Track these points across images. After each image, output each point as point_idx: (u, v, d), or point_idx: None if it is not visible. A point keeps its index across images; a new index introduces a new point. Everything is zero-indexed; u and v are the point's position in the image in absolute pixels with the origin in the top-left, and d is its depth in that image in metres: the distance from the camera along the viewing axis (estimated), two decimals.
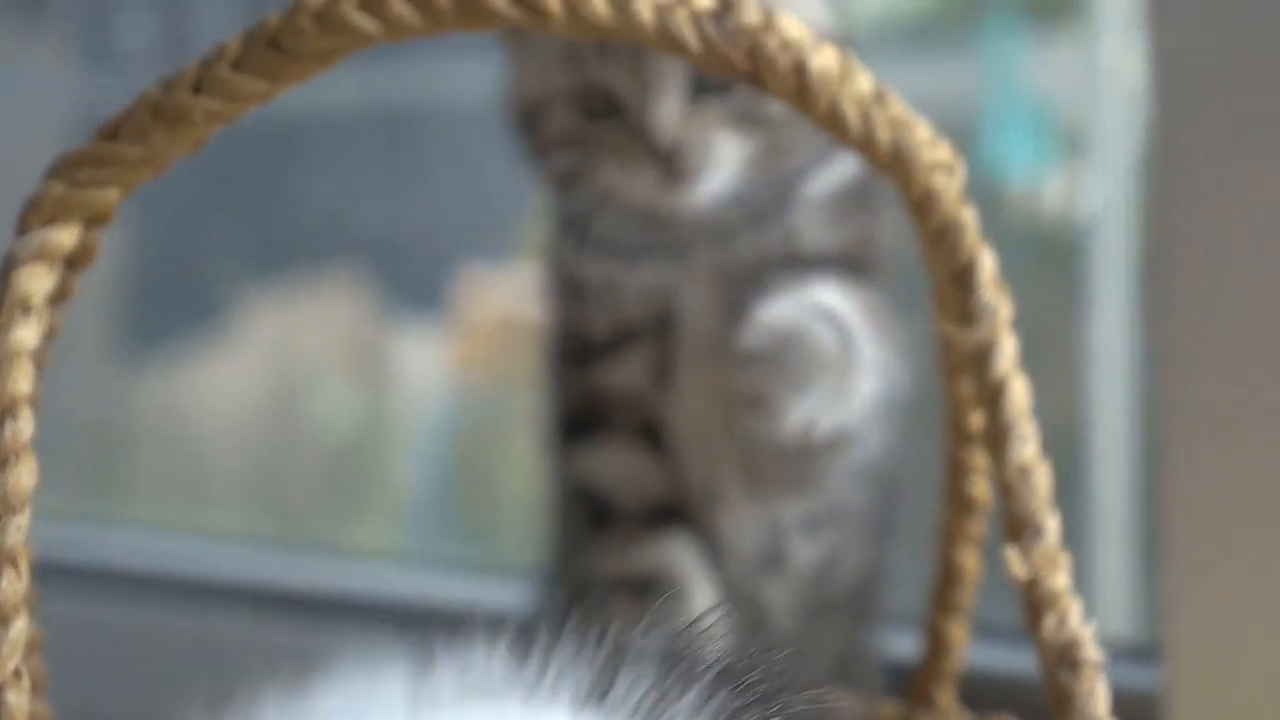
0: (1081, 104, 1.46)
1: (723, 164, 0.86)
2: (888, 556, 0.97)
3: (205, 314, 1.72)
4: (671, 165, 0.86)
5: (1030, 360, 0.66)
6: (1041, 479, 0.65)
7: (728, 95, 0.86)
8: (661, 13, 0.62)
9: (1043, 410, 0.67)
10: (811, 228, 0.89)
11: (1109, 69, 1.38)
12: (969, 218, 0.66)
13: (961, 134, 1.52)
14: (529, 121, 0.90)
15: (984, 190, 1.51)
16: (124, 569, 1.32)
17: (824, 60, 0.64)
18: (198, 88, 0.62)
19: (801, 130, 0.86)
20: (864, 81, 0.64)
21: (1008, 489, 0.65)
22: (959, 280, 0.66)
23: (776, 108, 0.85)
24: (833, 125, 0.64)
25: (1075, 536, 0.66)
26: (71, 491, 1.64)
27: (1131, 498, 1.30)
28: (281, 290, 1.75)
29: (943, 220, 0.65)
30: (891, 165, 0.65)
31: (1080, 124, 1.47)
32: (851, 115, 0.64)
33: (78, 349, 1.68)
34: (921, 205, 0.65)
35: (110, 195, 0.63)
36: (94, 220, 0.63)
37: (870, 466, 0.93)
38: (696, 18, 0.62)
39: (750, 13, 0.63)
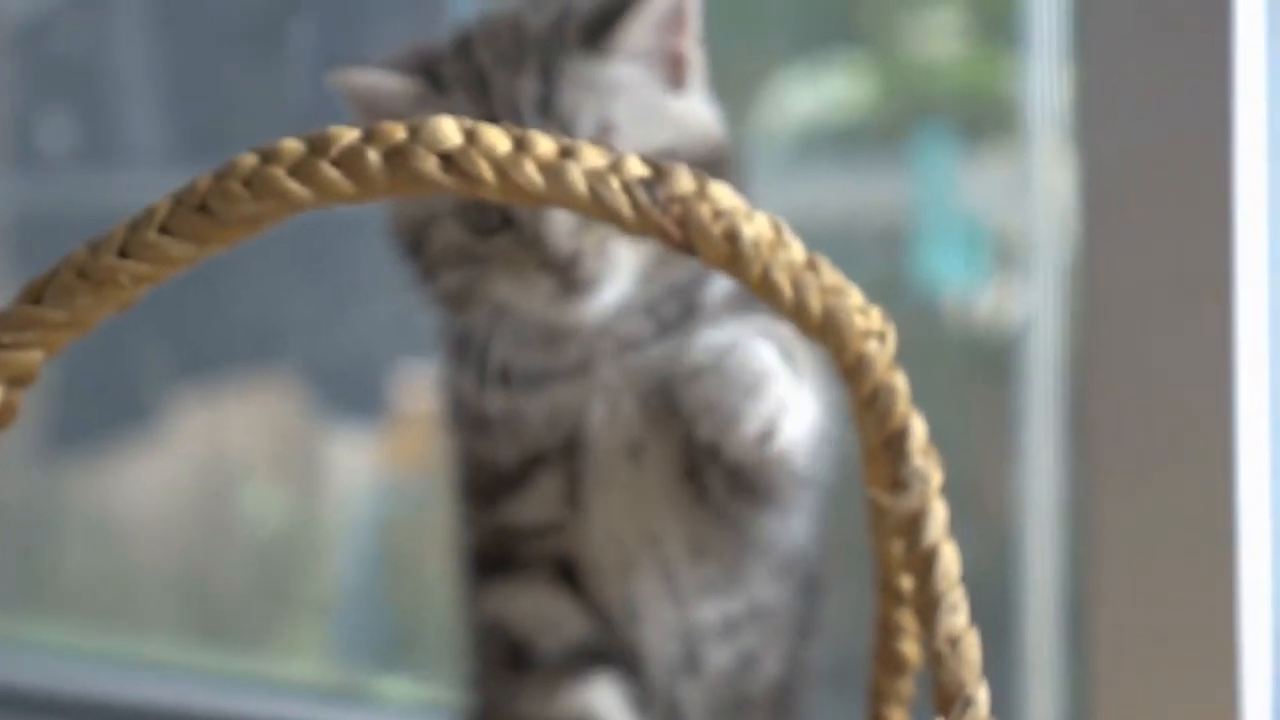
0: (1013, 216, 1.46)
1: (619, 273, 0.85)
2: (810, 654, 0.96)
3: (133, 415, 1.70)
4: (568, 277, 0.84)
5: (962, 476, 0.65)
6: (971, 648, 0.65)
7: None
8: (594, 180, 0.62)
9: (975, 522, 0.66)
10: (718, 332, 0.88)
11: (1041, 182, 1.38)
12: (900, 384, 0.65)
13: (893, 243, 1.53)
14: (414, 242, 0.88)
15: (917, 302, 1.52)
16: (44, 691, 1.29)
17: (756, 228, 0.63)
18: (124, 251, 0.61)
19: None
20: (796, 250, 0.64)
21: (938, 658, 0.64)
22: (890, 447, 0.65)
23: None
24: (765, 293, 0.64)
25: (1005, 671, 0.65)
26: None
27: (1063, 623, 1.29)
28: (211, 392, 1.73)
29: (874, 387, 0.65)
30: (823, 332, 0.64)
31: (1012, 236, 1.47)
32: (784, 283, 0.64)
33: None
34: (853, 372, 0.65)
35: (33, 357, 0.62)
36: (17, 381, 0.62)
37: (792, 560, 0.92)
38: (629, 186, 0.62)
39: (683, 181, 0.63)
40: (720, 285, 0.89)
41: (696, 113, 0.89)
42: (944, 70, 1.60)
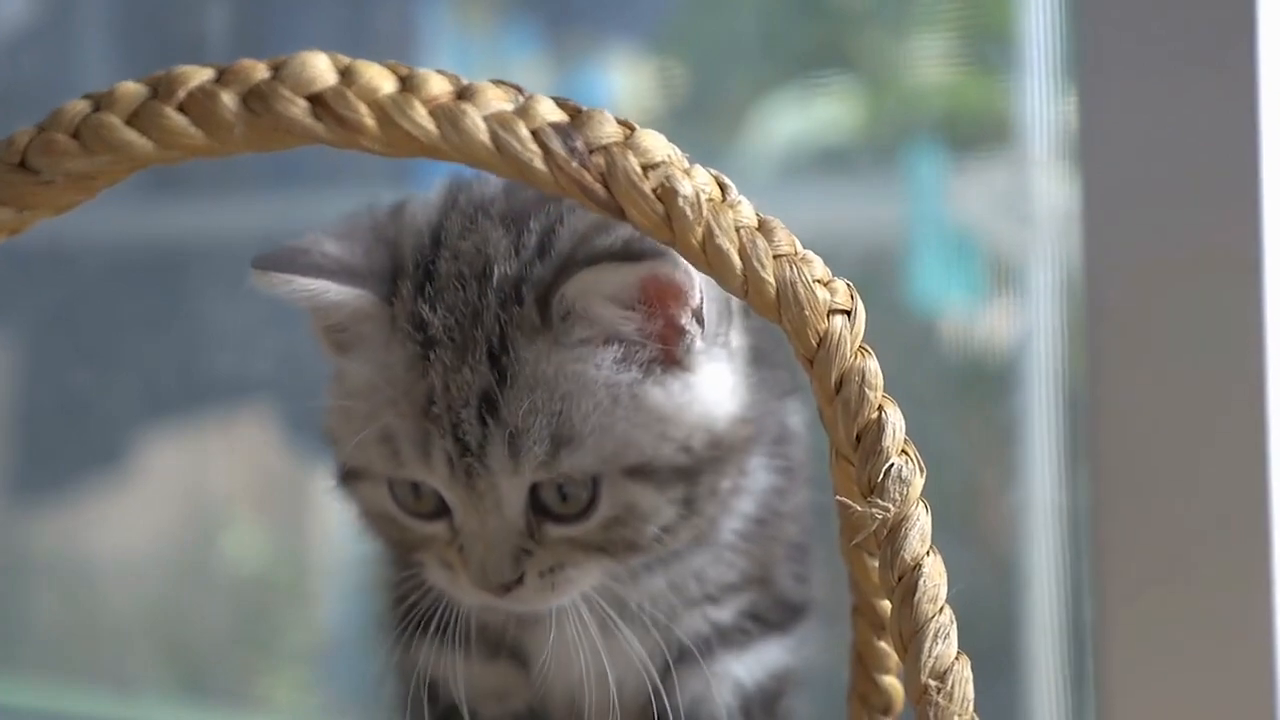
0: (1008, 233, 1.38)
1: (570, 592, 0.70)
2: None
3: (101, 455, 1.58)
4: (512, 596, 0.70)
5: (961, 498, 0.54)
6: (962, 682, 0.52)
7: (575, 523, 0.69)
8: (497, 127, 0.49)
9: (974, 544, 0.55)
10: (717, 569, 0.75)
11: (1037, 199, 1.31)
12: (873, 369, 0.52)
13: (887, 263, 1.43)
14: (345, 477, 0.73)
15: (912, 322, 1.43)
16: None
17: (696, 184, 0.50)
18: None
19: (659, 520, 0.70)
20: (745, 210, 0.51)
21: (923, 695, 0.51)
22: (861, 443, 0.52)
23: (645, 532, 0.70)
24: (709, 263, 0.51)
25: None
26: None
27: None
28: (184, 429, 1.61)
29: (841, 372, 0.52)
30: (779, 308, 0.52)
31: (1007, 253, 1.39)
32: (730, 250, 0.51)
33: None
34: (816, 355, 0.52)
35: None
36: None
37: None
38: (540, 134, 0.49)
39: (605, 126, 0.50)
40: (727, 528, 0.74)
41: (694, 399, 0.67)
42: (935, 94, 1.52)
